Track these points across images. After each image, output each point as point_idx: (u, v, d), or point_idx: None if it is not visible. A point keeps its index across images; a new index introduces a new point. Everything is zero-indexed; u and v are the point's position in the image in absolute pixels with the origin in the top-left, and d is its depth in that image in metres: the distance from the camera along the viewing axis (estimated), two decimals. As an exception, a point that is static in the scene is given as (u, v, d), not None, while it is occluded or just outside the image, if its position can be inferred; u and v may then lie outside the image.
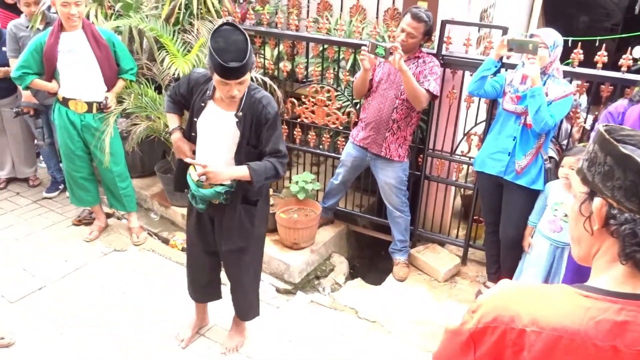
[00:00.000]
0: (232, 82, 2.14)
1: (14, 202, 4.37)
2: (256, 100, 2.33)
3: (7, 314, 3.14)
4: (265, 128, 2.34)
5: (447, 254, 3.70)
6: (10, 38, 3.86)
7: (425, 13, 3.10)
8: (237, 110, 2.32)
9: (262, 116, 2.32)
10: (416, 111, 3.25)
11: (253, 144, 2.38)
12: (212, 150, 2.43)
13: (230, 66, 2.08)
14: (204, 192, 2.43)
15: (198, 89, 2.41)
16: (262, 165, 2.35)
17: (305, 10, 4.76)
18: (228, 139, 2.37)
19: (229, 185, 2.41)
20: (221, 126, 2.36)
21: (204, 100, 2.37)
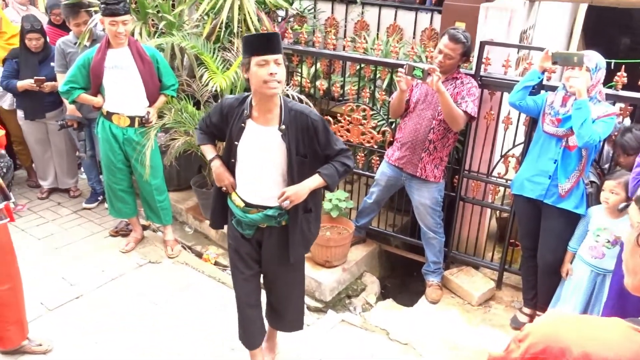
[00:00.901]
0: (270, 58, 2.14)
1: (55, 212, 4.51)
2: (296, 112, 2.32)
3: (46, 321, 3.23)
4: (318, 134, 2.33)
5: (482, 277, 3.63)
6: (59, 54, 4.02)
7: (463, 34, 3.09)
8: (280, 124, 2.31)
9: (310, 124, 2.31)
10: (453, 132, 3.23)
11: (302, 154, 2.34)
12: (259, 169, 2.38)
13: (267, 33, 2.22)
14: (252, 217, 2.41)
15: (233, 113, 2.39)
16: (331, 168, 2.37)
17: (342, 30, 4.83)
18: (275, 154, 2.34)
19: (279, 206, 2.36)
20: (266, 143, 2.34)
21: (243, 120, 2.35)
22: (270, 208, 2.39)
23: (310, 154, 2.36)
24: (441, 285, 3.59)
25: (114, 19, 3.35)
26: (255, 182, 2.39)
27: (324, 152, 2.37)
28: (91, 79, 3.51)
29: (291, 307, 2.77)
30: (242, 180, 2.44)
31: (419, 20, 4.59)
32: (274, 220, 2.42)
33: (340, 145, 2.40)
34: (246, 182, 2.42)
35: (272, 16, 4.59)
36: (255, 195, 2.41)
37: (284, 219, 2.43)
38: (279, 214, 2.40)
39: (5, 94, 4.37)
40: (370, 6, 4.74)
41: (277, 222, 2.43)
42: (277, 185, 2.38)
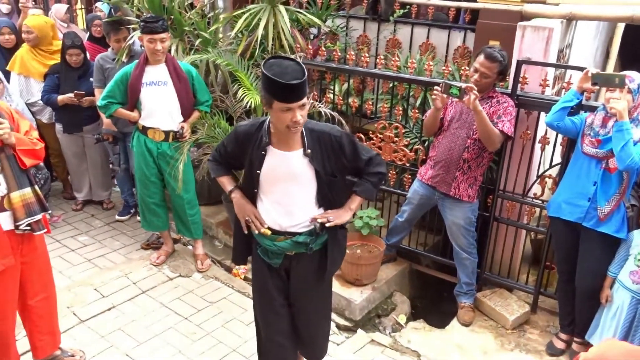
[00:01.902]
0: (294, 105, 2.02)
1: (88, 224, 4.59)
2: (317, 132, 2.23)
3: (78, 332, 3.27)
4: (344, 150, 2.25)
5: (516, 300, 3.53)
6: (97, 69, 4.13)
7: (499, 53, 3.06)
8: (305, 148, 2.20)
9: (334, 143, 2.23)
10: (488, 151, 3.18)
11: (331, 174, 2.26)
12: (287, 195, 2.27)
13: (293, 83, 1.97)
14: (280, 245, 2.30)
15: (251, 140, 2.26)
16: (365, 184, 2.33)
17: (374, 48, 4.83)
18: (303, 179, 2.24)
19: (309, 232, 2.29)
20: (291, 168, 2.22)
21: (263, 148, 2.22)
22: (300, 234, 2.29)
23: (339, 170, 2.30)
24: (474, 307, 3.51)
25: (153, 37, 3.43)
26: (282, 209, 2.28)
27: (352, 165, 2.31)
28: (128, 95, 3.59)
29: (320, 335, 2.63)
30: (267, 208, 2.30)
31: (451, 39, 4.57)
32: (305, 247, 2.30)
33: (368, 154, 2.33)
34: (272, 210, 2.29)
35: (305, 34, 4.63)
36: (283, 223, 2.29)
37: (315, 244, 2.32)
38: (311, 239, 2.29)
39: (45, 108, 4.50)
40: (402, 24, 4.73)
41: (307, 249, 2.31)
42: (306, 210, 2.29)
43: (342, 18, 4.94)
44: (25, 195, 2.53)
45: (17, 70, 4.36)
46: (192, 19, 4.26)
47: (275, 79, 1.97)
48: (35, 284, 2.75)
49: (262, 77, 2.03)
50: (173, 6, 4.13)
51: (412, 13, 4.60)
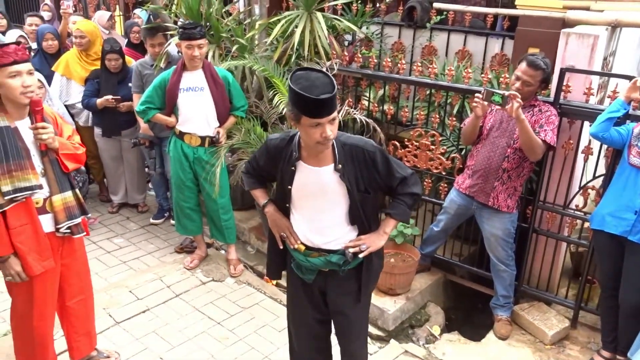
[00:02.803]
0: (324, 120, 1.92)
1: (124, 226, 4.66)
2: (350, 146, 2.12)
3: (114, 333, 3.30)
4: (377, 166, 2.14)
5: (555, 314, 3.43)
6: (136, 75, 4.20)
7: (542, 60, 2.98)
8: (335, 163, 2.10)
9: (367, 158, 2.12)
10: (529, 161, 3.10)
11: (364, 190, 2.16)
12: (318, 212, 2.19)
13: (323, 98, 1.86)
14: (313, 261, 2.23)
15: (281, 154, 2.18)
16: (400, 206, 2.23)
17: (409, 54, 4.79)
18: (334, 195, 2.15)
19: (342, 251, 2.20)
20: (322, 184, 2.14)
21: (293, 163, 2.14)
22: (334, 253, 2.21)
23: (372, 187, 2.18)
24: (511, 321, 3.42)
25: (191, 43, 3.46)
26: (314, 225, 2.21)
27: (386, 183, 2.19)
28: (166, 100, 3.63)
29: (359, 349, 2.50)
30: (299, 223, 2.24)
31: (489, 46, 4.49)
32: (337, 267, 2.23)
33: (402, 172, 2.19)
34: (304, 226, 2.23)
35: (339, 40, 4.62)
36: (316, 239, 2.22)
37: (348, 267, 2.24)
38: (344, 261, 2.21)
39: (82, 111, 4.60)
40: (439, 31, 4.68)
41: (340, 270, 2.24)
42: (339, 226, 2.21)
43: (376, 25, 4.91)
44: (67, 199, 2.57)
45: (60, 71, 4.48)
46: (229, 26, 4.30)
47: (303, 93, 1.87)
48: (73, 286, 2.79)
49: (289, 91, 1.94)
50: (211, 13, 4.17)
51: (448, 20, 4.54)
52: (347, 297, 2.32)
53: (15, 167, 2.37)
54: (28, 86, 2.35)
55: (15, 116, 2.42)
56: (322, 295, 2.37)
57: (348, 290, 2.31)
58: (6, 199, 2.37)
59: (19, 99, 2.35)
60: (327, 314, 2.43)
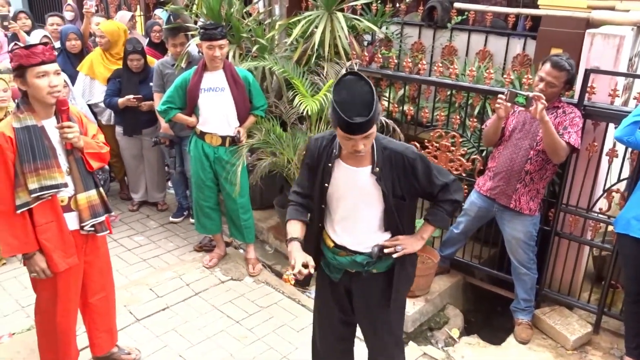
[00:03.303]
0: (357, 137, 1.94)
1: (144, 224, 4.71)
2: (390, 151, 2.10)
3: (134, 330, 3.34)
4: (417, 174, 2.11)
5: (577, 319, 3.38)
6: (157, 75, 4.24)
7: (567, 61, 2.94)
8: (373, 166, 2.09)
9: (407, 165, 2.10)
10: (552, 164, 3.06)
11: (399, 195, 2.13)
12: (351, 212, 2.18)
13: (355, 122, 1.87)
14: (340, 260, 2.24)
15: (323, 152, 2.17)
16: (439, 212, 2.21)
17: (429, 55, 4.76)
18: (369, 197, 2.14)
19: (369, 254, 2.19)
20: (358, 185, 2.13)
21: (332, 161, 2.14)
22: (360, 254, 2.20)
23: (409, 194, 2.16)
24: (531, 325, 3.38)
25: (212, 43, 3.48)
26: (346, 225, 2.21)
27: (425, 190, 2.17)
28: (187, 100, 3.66)
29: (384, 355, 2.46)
30: (333, 221, 2.24)
31: (510, 46, 4.44)
32: (361, 268, 2.22)
33: (443, 179, 2.16)
34: (337, 224, 2.23)
35: (359, 40, 4.61)
36: (344, 238, 2.22)
37: (373, 267, 2.23)
38: (368, 262, 2.20)
39: (105, 110, 4.66)
40: (459, 31, 4.64)
41: (363, 271, 2.23)
42: (370, 231, 2.20)
43: (396, 25, 4.89)
44: (91, 197, 2.61)
45: (85, 71, 4.56)
46: (250, 26, 4.32)
47: (338, 111, 1.87)
48: (96, 283, 2.83)
49: (331, 110, 1.94)
50: (231, 13, 4.19)
51: (469, 20, 4.50)
52: (372, 300, 2.30)
53: (42, 166, 2.41)
54: (55, 86, 2.39)
55: (42, 115, 2.46)
56: (348, 296, 2.36)
57: (374, 293, 2.29)
58: (33, 197, 2.41)
59: (46, 98, 2.39)
60: (351, 316, 2.42)
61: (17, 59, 2.34)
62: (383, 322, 2.35)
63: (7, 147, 2.36)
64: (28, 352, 3.04)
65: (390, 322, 2.38)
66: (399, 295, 2.32)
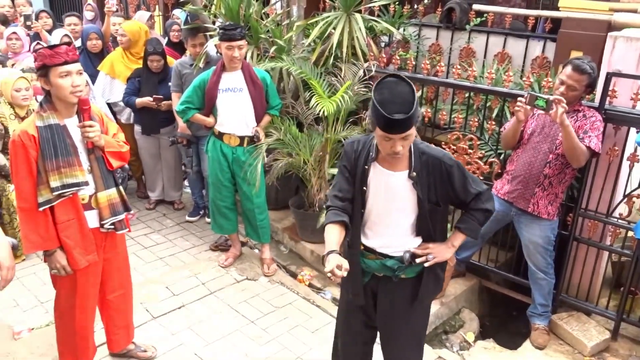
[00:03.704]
0: (396, 136, 1.93)
1: (160, 223, 4.75)
2: (428, 156, 2.09)
3: (150, 328, 3.37)
4: (453, 181, 2.10)
5: (595, 325, 3.34)
6: (175, 74, 4.28)
7: (588, 64, 2.91)
8: (410, 170, 2.08)
9: (444, 171, 2.08)
10: (571, 168, 3.03)
11: (434, 201, 2.12)
12: (384, 216, 2.17)
13: (395, 118, 1.86)
14: (369, 262, 2.23)
15: (360, 155, 2.17)
16: (471, 221, 2.19)
17: (447, 57, 4.74)
18: (404, 202, 2.13)
19: (399, 258, 2.19)
20: (393, 189, 2.12)
21: (368, 163, 2.13)
22: (390, 258, 2.19)
23: (444, 200, 2.15)
24: (548, 330, 3.35)
25: (231, 44, 3.50)
26: (377, 228, 2.20)
27: (459, 197, 2.15)
28: (205, 100, 3.69)
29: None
30: (365, 224, 2.23)
31: (529, 49, 4.40)
32: (391, 272, 2.21)
33: (477, 187, 2.15)
34: (368, 227, 2.22)
35: (376, 41, 4.61)
36: (375, 241, 2.21)
37: (402, 272, 2.21)
38: (398, 267, 2.19)
39: (124, 109, 4.72)
40: (477, 33, 4.61)
41: (393, 275, 2.21)
42: (402, 235, 2.18)
43: (414, 26, 4.88)
44: (111, 196, 2.64)
45: (105, 70, 4.62)
46: (268, 27, 4.34)
47: (378, 107, 1.87)
48: (114, 280, 2.87)
49: (371, 108, 1.94)
50: (250, 14, 4.21)
51: (488, 21, 4.47)
52: (398, 305, 2.28)
53: (64, 164, 2.44)
54: (77, 86, 2.42)
55: (64, 114, 2.50)
56: (374, 300, 2.34)
57: (400, 298, 2.27)
58: (54, 195, 2.45)
59: (69, 98, 2.43)
60: (374, 319, 2.40)
61: (41, 59, 2.38)
62: (405, 328, 2.33)
63: (31, 145, 2.40)
64: (47, 347, 3.09)
65: (413, 329, 2.36)
66: (424, 302, 2.31)
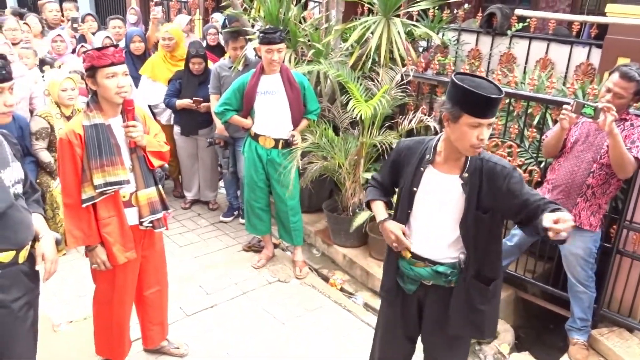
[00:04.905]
0: (485, 122, 1.89)
1: (195, 222, 4.82)
2: (483, 160, 2.04)
3: (183, 326, 3.42)
4: (508, 184, 1.99)
5: (638, 342, 3.21)
6: (214, 77, 4.35)
7: (637, 71, 2.81)
8: (462, 172, 2.05)
9: (498, 174, 2.01)
10: (616, 178, 2.93)
11: (483, 208, 2.04)
12: (434, 220, 2.13)
13: (493, 97, 1.85)
14: (418, 270, 2.17)
15: (413, 156, 2.15)
16: None
17: (486, 62, 4.66)
18: (453, 206, 2.08)
19: (452, 264, 2.14)
20: (445, 192, 2.09)
21: (424, 165, 2.11)
22: (442, 264, 2.14)
23: (494, 208, 2.04)
24: (587, 345, 3.24)
25: (270, 47, 3.54)
26: (427, 233, 2.15)
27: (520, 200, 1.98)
28: (244, 103, 3.73)
29: None
30: (413, 229, 2.19)
31: (573, 55, 4.29)
32: (443, 279, 2.14)
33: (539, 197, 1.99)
34: (417, 232, 2.17)
35: (414, 46, 4.57)
36: (425, 247, 2.15)
37: (455, 279, 2.15)
38: (451, 272, 2.12)
39: (165, 110, 4.82)
40: (519, 38, 4.53)
41: (445, 282, 2.15)
42: (451, 239, 2.12)
43: (453, 31, 4.82)
44: (151, 194, 2.69)
45: (147, 74, 4.74)
46: (306, 31, 4.36)
47: (474, 90, 1.86)
48: (151, 277, 2.92)
49: (453, 89, 1.93)
50: (289, 18, 4.25)
51: (530, 27, 4.38)
52: (445, 316, 2.18)
53: (107, 162, 2.51)
54: (122, 87, 2.49)
55: (109, 114, 2.57)
56: (419, 311, 2.28)
57: (448, 308, 2.17)
58: (97, 192, 2.52)
59: (114, 98, 2.49)
60: (417, 332, 2.35)
61: (89, 60, 2.45)
62: (451, 342, 2.26)
63: (77, 143, 2.48)
64: (84, 341, 3.16)
65: (459, 344, 2.29)
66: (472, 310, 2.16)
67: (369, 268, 3.94)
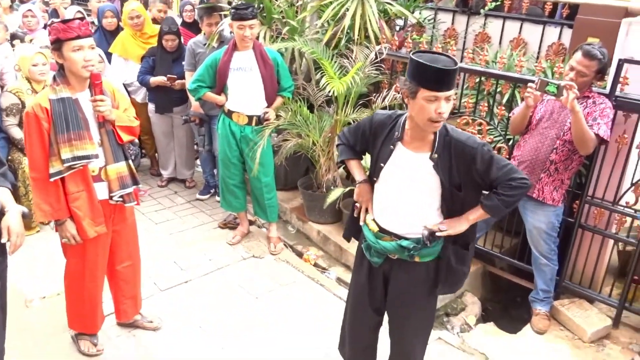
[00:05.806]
0: (442, 95, 1.91)
1: (171, 200, 4.84)
2: (451, 138, 2.05)
3: (157, 300, 3.46)
4: (477, 164, 2.03)
5: (597, 312, 3.34)
6: (189, 53, 4.32)
7: (599, 50, 2.88)
8: (432, 152, 2.06)
9: (466, 154, 2.03)
10: (579, 154, 3.02)
11: (456, 185, 2.08)
12: (402, 196, 2.16)
13: (446, 68, 1.87)
14: (384, 244, 2.20)
15: (383, 131, 2.17)
16: (494, 200, 2.09)
17: (462, 41, 4.70)
18: (423, 184, 2.11)
19: (415, 240, 2.16)
20: (414, 171, 2.11)
21: (393, 143, 2.13)
22: (406, 239, 2.18)
23: (467, 185, 2.09)
24: (549, 316, 3.36)
25: (242, 23, 3.53)
26: (394, 208, 2.19)
27: (484, 178, 2.07)
28: (217, 79, 3.73)
29: (411, 351, 2.44)
30: (380, 203, 2.24)
31: (546, 35, 4.35)
32: (406, 253, 2.18)
33: (511, 175, 2.05)
34: (385, 207, 2.22)
35: (390, 25, 4.59)
36: (392, 222, 2.21)
37: (417, 254, 2.19)
38: (414, 247, 2.16)
39: (140, 89, 4.78)
40: (493, 18, 4.57)
41: (408, 256, 2.19)
42: (421, 218, 2.16)
43: (429, 10, 4.84)
44: (120, 169, 2.70)
45: (118, 52, 4.67)
46: (281, 8, 4.34)
47: (427, 63, 1.88)
48: (123, 252, 2.95)
49: (410, 65, 1.95)
50: (264, -6, 4.23)
51: (504, 6, 4.42)
52: (409, 290, 2.27)
53: (75, 137, 2.51)
54: (89, 60, 2.48)
55: (76, 88, 2.56)
56: (385, 283, 2.34)
57: (412, 283, 2.25)
58: (65, 166, 2.52)
59: (81, 72, 2.49)
60: (384, 304, 2.40)
61: (55, 33, 2.43)
62: (417, 314, 2.34)
63: (43, 117, 2.47)
64: (57, 316, 3.19)
65: (424, 315, 2.37)
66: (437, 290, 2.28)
67: (343, 243, 4.00)
